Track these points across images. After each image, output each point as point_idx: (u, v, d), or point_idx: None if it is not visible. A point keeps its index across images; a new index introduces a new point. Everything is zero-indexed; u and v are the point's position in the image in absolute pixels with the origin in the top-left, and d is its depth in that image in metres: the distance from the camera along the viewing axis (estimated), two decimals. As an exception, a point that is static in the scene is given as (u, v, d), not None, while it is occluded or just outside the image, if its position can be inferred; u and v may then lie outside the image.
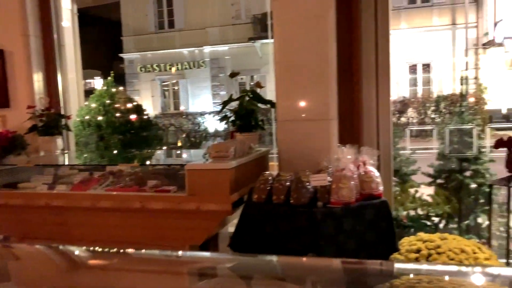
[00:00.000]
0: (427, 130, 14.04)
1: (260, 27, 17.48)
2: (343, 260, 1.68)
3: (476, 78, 17.58)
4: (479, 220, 3.86)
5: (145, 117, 5.16)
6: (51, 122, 3.87)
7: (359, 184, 2.57)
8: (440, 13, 18.02)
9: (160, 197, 2.79)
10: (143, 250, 1.48)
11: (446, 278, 1.27)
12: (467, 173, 3.79)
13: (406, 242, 2.80)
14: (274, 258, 1.54)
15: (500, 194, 3.68)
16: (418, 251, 2.65)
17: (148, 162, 4.08)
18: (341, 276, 1.38)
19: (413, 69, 18.54)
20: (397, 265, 1.90)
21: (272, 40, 3.20)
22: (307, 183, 2.52)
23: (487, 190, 3.50)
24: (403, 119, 16.89)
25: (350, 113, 3.36)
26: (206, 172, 2.71)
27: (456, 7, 17.57)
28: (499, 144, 2.98)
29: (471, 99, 15.04)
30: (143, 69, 20.46)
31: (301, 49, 3.07)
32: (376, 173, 2.62)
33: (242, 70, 17.89)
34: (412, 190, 4.08)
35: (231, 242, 2.59)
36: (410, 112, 17.01)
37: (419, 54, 18.03)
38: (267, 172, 2.76)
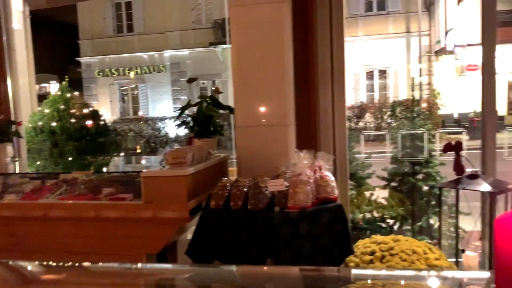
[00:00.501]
0: (383, 135, 14.47)
1: (221, 32, 17.49)
2: (301, 268, 1.71)
3: (429, 84, 18.33)
4: (431, 221, 4.02)
5: (102, 122, 5.04)
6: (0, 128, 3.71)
7: (315, 188, 2.62)
8: (395, 21, 18.68)
9: (115, 205, 2.73)
10: (100, 264, 1.44)
11: (402, 282, 1.33)
12: (419, 176, 3.95)
13: (361, 245, 2.87)
14: (233, 267, 1.54)
15: (450, 196, 3.85)
16: (372, 253, 2.72)
17: (104, 169, 3.98)
18: (299, 283, 1.40)
19: (370, 75, 19.10)
20: (354, 271, 1.96)
21: (232, 46, 3.21)
22: (265, 189, 2.54)
23: (438, 192, 3.65)
24: (361, 124, 17.35)
25: (307, 118, 3.42)
26: (163, 179, 2.67)
27: (410, 15, 18.27)
28: (447, 148, 3.12)
29: (424, 105, 15.67)
30: (101, 73, 19.98)
31: (258, 55, 3.10)
32: (331, 177, 2.68)
33: (203, 74, 17.88)
34: (367, 193, 4.19)
35: (189, 250, 2.57)
36: (368, 117, 17.49)
37: (375, 61, 18.61)
38: (225, 178, 2.76)
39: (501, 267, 0.45)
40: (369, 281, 1.40)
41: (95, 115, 4.96)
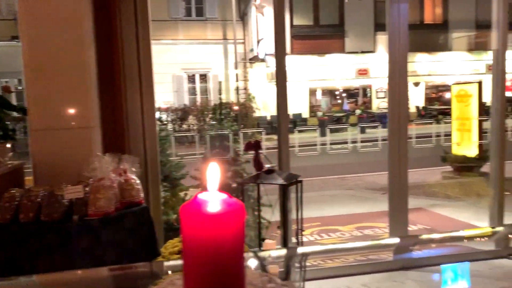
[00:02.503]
0: (194, 136, 14.84)
1: (26, 25, 15.59)
2: (111, 268, 1.66)
3: (245, 88, 19.72)
4: (240, 215, 4.31)
5: None
6: None
7: (119, 192, 2.54)
8: (213, 27, 19.54)
9: None
10: None
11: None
12: (228, 174, 4.20)
13: (170, 245, 2.90)
14: (33, 277, 1.44)
15: (256, 190, 4.19)
16: (180, 252, 2.77)
17: None
18: (110, 283, 1.37)
19: (192, 79, 19.56)
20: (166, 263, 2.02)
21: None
22: (61, 197, 2.36)
23: (244, 188, 3.93)
24: (184, 126, 17.63)
25: (114, 121, 3.29)
26: None
27: (226, 23, 19.35)
28: (248, 147, 3.39)
29: (236, 107, 16.81)
30: None
31: (53, 52, 2.85)
32: (137, 180, 2.64)
33: (7, 72, 15.68)
34: (182, 194, 4.27)
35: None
36: (191, 119, 17.88)
37: (196, 65, 19.15)
38: (14, 189, 2.46)
39: (187, 250, 0.49)
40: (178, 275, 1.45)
41: None
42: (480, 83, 9.02)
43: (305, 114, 20.38)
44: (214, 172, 0.51)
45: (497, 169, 4.41)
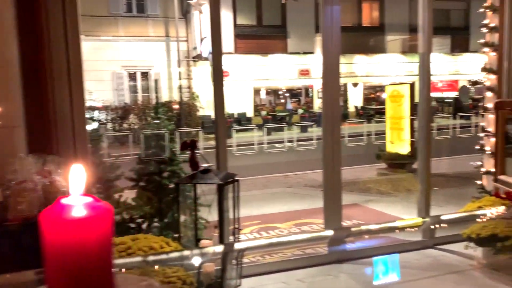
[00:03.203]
0: (128, 136, 14.44)
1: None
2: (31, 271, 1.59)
3: (189, 87, 19.49)
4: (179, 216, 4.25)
5: None
6: None
7: (43, 195, 2.43)
8: (154, 25, 19.14)
9: None
10: None
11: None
12: (165, 174, 4.14)
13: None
14: None
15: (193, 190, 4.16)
16: (111, 255, 2.70)
17: None
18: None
19: (133, 76, 19.04)
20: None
21: None
22: (-23, 201, 2.21)
23: (182, 188, 3.89)
24: (125, 125, 17.13)
25: (40, 120, 3.14)
26: None
27: (168, 20, 19.02)
28: (183, 146, 3.36)
29: (176, 106, 16.59)
30: None
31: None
32: (62, 182, 2.53)
33: None
34: (116, 195, 4.14)
35: None
36: (132, 118, 17.40)
37: (138, 63, 18.67)
38: None
39: (49, 257, 0.48)
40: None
41: None
42: (412, 84, 9.53)
43: (250, 113, 20.52)
44: (78, 175, 0.50)
45: (424, 166, 4.68)
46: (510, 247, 3.74)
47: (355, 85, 22.99)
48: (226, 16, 19.26)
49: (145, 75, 19.11)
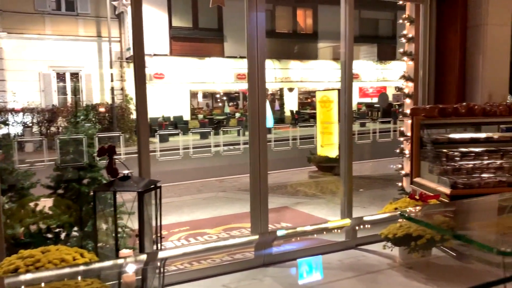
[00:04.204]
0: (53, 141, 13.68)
1: None
2: None
3: (122, 89, 18.89)
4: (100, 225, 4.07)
5: None
6: None
7: None
8: (85, 24, 18.37)
9: None
10: None
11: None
12: (85, 181, 3.95)
13: (6, 263, 2.63)
14: None
15: (118, 197, 4.00)
16: (16, 270, 2.53)
17: None
18: None
19: (62, 77, 18.13)
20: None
21: None
22: None
23: (103, 196, 3.73)
24: (53, 129, 16.24)
25: None
26: None
27: (100, 20, 18.34)
28: (101, 152, 3.22)
29: (102, 109, 16.01)
30: None
31: None
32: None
33: None
34: (32, 204, 3.90)
35: None
36: (60, 121, 16.54)
37: (67, 63, 17.82)
38: None
39: None
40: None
41: None
42: (340, 90, 9.87)
43: (187, 116, 20.27)
44: None
45: (346, 169, 4.85)
46: (422, 246, 3.98)
47: (290, 90, 23.51)
48: (161, 17, 18.95)
49: (75, 76, 18.27)
